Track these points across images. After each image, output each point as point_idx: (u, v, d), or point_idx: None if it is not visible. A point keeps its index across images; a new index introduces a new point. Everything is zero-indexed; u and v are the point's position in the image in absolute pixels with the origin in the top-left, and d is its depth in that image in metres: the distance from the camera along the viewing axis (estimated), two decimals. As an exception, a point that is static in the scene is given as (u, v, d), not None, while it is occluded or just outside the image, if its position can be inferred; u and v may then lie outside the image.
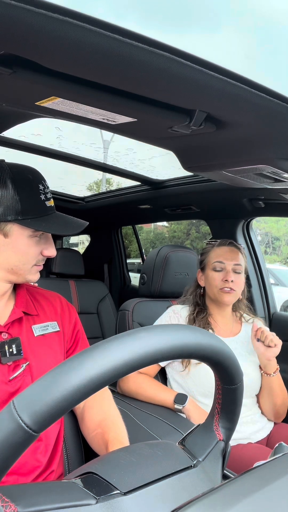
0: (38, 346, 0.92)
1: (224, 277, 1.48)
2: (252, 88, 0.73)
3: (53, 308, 1.01)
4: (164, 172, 2.63)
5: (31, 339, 0.92)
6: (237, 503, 0.40)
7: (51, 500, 0.46)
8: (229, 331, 1.55)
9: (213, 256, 1.53)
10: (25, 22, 0.54)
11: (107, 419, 0.97)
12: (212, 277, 1.51)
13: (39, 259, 0.91)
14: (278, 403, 1.47)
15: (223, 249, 1.53)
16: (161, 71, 0.66)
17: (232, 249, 1.54)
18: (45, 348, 0.93)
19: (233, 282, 1.47)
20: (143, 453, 0.57)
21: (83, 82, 0.73)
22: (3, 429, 0.39)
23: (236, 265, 1.50)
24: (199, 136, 1.00)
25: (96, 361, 0.41)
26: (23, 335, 0.91)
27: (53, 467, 0.93)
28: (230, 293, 1.48)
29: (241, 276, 1.52)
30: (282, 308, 6.76)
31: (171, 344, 0.46)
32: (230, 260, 1.50)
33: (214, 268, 1.51)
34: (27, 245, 0.87)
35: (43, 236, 0.90)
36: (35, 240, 0.88)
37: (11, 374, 0.86)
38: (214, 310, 1.55)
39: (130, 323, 1.66)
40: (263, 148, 1.01)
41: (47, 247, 0.91)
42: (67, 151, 2.04)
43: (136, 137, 1.13)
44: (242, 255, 1.55)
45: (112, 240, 3.31)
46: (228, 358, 0.52)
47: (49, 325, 0.97)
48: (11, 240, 0.86)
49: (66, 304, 1.06)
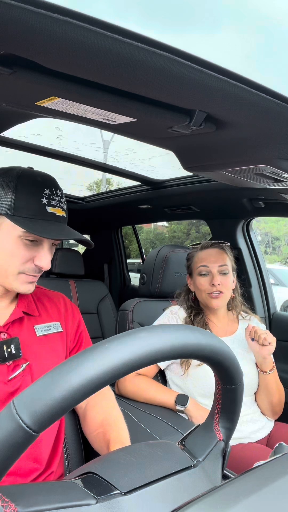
0: (39, 347, 0.92)
1: (210, 281, 1.47)
2: (252, 88, 0.73)
3: (56, 309, 1.01)
4: (164, 172, 2.63)
5: (33, 339, 0.92)
6: (237, 503, 0.40)
7: (51, 500, 0.46)
8: (225, 330, 1.54)
9: (197, 260, 1.52)
10: (25, 22, 0.54)
11: (109, 418, 0.96)
12: (199, 282, 1.50)
13: (29, 268, 0.86)
14: (275, 401, 1.46)
15: (207, 252, 1.51)
16: (161, 71, 0.66)
17: (216, 250, 1.52)
18: (47, 349, 0.93)
19: (220, 284, 1.46)
20: (143, 453, 0.57)
21: (83, 82, 0.72)
22: (3, 429, 0.39)
23: (221, 267, 1.48)
24: (199, 136, 1.00)
25: (96, 361, 0.41)
26: (23, 335, 0.90)
27: (53, 468, 0.93)
28: (218, 297, 1.47)
29: (229, 276, 1.50)
30: (282, 308, 6.76)
31: (171, 344, 0.46)
32: (214, 262, 1.48)
33: (199, 273, 1.49)
34: (15, 245, 0.84)
35: (38, 242, 0.86)
36: (25, 242, 0.84)
37: (10, 374, 0.86)
38: (208, 312, 1.55)
39: (130, 323, 1.66)
40: (263, 148, 1.01)
41: (39, 257, 0.86)
42: (67, 151, 2.04)
43: (136, 137, 1.13)
44: (228, 254, 1.53)
45: (112, 240, 3.31)
46: (228, 358, 0.52)
47: (51, 325, 0.96)
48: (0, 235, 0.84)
49: (70, 304, 1.05)
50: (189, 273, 1.57)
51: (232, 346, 1.49)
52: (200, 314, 1.52)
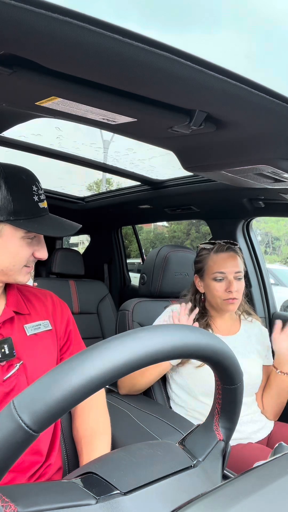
0: (31, 345, 0.93)
1: (227, 287, 1.44)
2: (252, 88, 0.73)
3: (44, 307, 1.01)
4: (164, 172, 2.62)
5: (24, 338, 0.92)
6: (237, 503, 0.40)
7: (51, 500, 0.46)
8: (228, 330, 1.54)
9: (212, 264, 1.47)
10: (25, 22, 0.54)
11: (88, 436, 1.00)
12: (214, 288, 1.46)
13: (30, 260, 0.91)
14: (284, 403, 1.47)
15: (222, 256, 1.47)
16: (161, 71, 0.66)
17: (231, 254, 1.48)
18: (39, 347, 0.94)
19: (237, 291, 1.44)
20: (143, 453, 0.57)
21: (83, 82, 0.73)
22: (3, 429, 0.39)
23: (237, 273, 1.46)
24: (199, 136, 1.00)
25: (96, 361, 0.41)
26: (15, 335, 0.91)
27: (51, 460, 0.94)
28: (234, 302, 1.45)
29: (242, 281, 1.49)
30: (282, 308, 6.77)
31: (171, 344, 0.46)
32: (231, 267, 1.45)
33: (215, 278, 1.46)
34: (19, 246, 0.87)
35: (36, 237, 0.90)
36: (27, 241, 0.88)
37: (5, 374, 0.86)
38: (214, 313, 1.54)
39: (130, 323, 1.66)
40: (263, 148, 1.01)
41: (39, 249, 0.90)
42: (67, 151, 2.04)
43: (136, 137, 1.13)
44: (240, 257, 1.50)
45: (112, 240, 3.31)
46: (228, 358, 0.52)
47: (41, 324, 0.97)
48: (3, 241, 0.85)
49: (58, 301, 1.06)
50: (200, 274, 1.53)
51: (234, 346, 1.49)
52: (205, 317, 1.51)
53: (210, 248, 1.51)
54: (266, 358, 1.55)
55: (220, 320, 1.54)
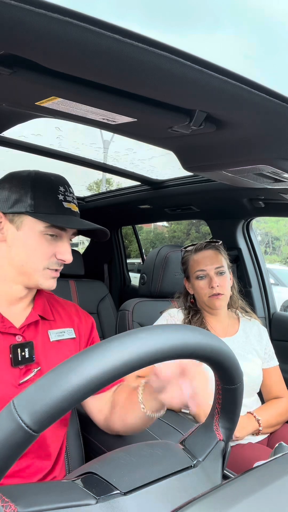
0: (52, 352, 0.92)
1: (209, 283, 1.48)
2: (252, 88, 0.73)
3: (69, 316, 1.01)
4: (164, 172, 2.63)
5: (46, 343, 0.92)
6: (237, 503, 0.40)
7: (51, 500, 0.46)
8: (225, 331, 1.54)
9: (193, 264, 1.52)
10: (25, 22, 0.53)
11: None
12: (198, 286, 1.50)
13: (52, 262, 0.89)
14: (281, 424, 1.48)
15: (201, 255, 1.51)
16: (161, 71, 0.66)
17: (210, 252, 1.51)
18: (59, 354, 0.93)
19: (219, 286, 1.47)
20: (143, 453, 0.57)
21: (83, 82, 0.72)
22: (3, 429, 0.39)
23: (218, 268, 1.49)
24: (199, 136, 1.00)
25: (96, 361, 0.41)
26: (38, 339, 0.91)
27: (56, 472, 0.93)
28: (219, 298, 1.48)
29: (226, 276, 1.51)
30: (282, 308, 6.77)
31: (171, 344, 0.46)
32: (210, 264, 1.49)
33: (197, 277, 1.50)
34: (38, 241, 0.86)
35: (58, 238, 0.89)
36: (47, 238, 0.87)
37: (22, 378, 0.86)
38: (207, 314, 1.55)
39: (130, 323, 1.66)
40: (263, 148, 1.01)
41: (61, 251, 0.89)
42: (67, 151, 2.04)
43: (136, 137, 1.13)
44: (222, 254, 1.53)
45: (112, 240, 3.31)
46: (228, 358, 0.52)
47: (65, 331, 0.97)
48: (23, 234, 0.86)
49: (82, 312, 1.06)
50: (186, 276, 1.57)
51: (232, 348, 1.49)
52: (198, 314, 1.53)
53: (191, 250, 1.56)
54: (265, 360, 1.55)
55: (216, 321, 1.54)
